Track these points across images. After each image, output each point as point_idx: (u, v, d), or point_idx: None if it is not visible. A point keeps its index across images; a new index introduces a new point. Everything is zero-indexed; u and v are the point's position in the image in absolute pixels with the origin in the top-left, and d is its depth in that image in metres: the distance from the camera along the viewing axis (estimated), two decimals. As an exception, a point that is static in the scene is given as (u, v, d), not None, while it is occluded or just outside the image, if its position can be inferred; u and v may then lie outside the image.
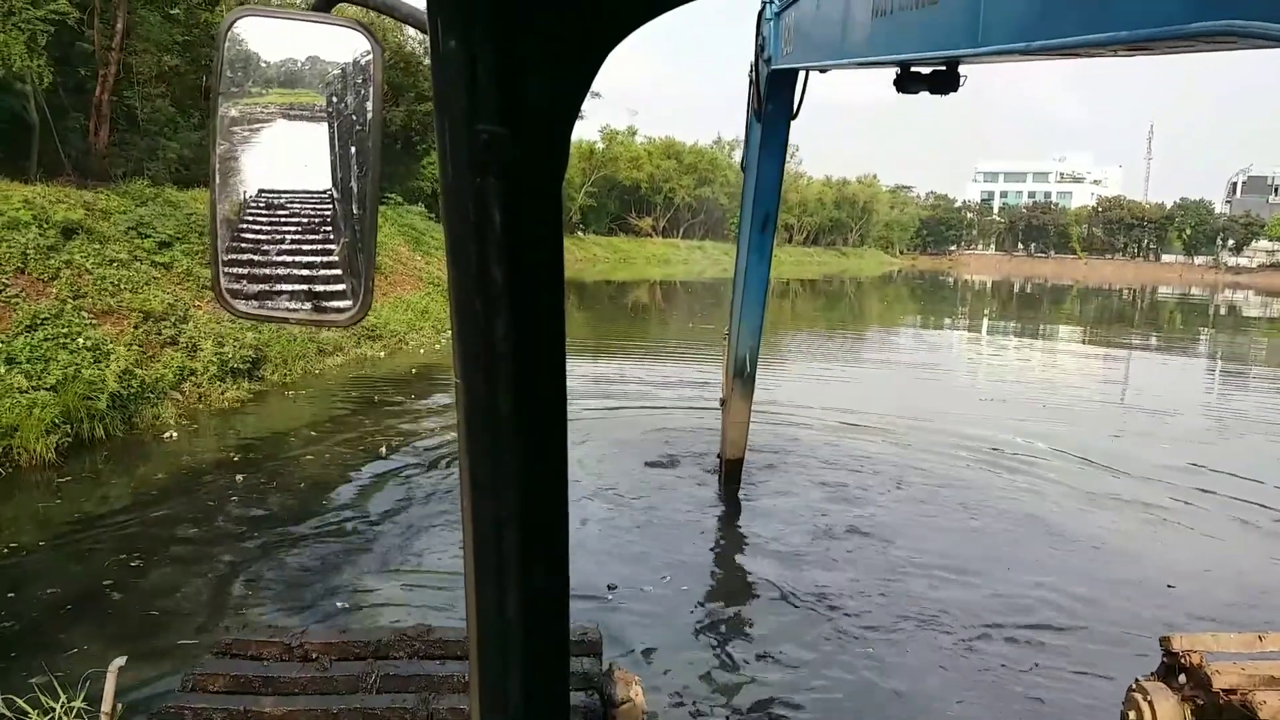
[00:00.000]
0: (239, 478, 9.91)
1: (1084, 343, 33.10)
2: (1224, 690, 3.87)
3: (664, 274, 62.15)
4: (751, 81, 8.32)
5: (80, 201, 15.35)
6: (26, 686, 4.75)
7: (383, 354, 18.32)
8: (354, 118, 1.07)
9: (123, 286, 13.53)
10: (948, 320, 41.38)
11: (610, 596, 7.24)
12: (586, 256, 63.35)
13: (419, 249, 28.45)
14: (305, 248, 1.16)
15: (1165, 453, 13.06)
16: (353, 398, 14.43)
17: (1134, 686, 4.21)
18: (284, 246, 1.16)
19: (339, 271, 1.11)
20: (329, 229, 1.13)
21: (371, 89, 1.01)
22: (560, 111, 0.57)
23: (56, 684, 4.55)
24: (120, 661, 3.41)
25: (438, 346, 19.72)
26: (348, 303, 1.07)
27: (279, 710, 3.05)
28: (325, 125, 1.12)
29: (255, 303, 1.14)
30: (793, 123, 8.44)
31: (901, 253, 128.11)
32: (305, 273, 1.16)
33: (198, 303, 15.08)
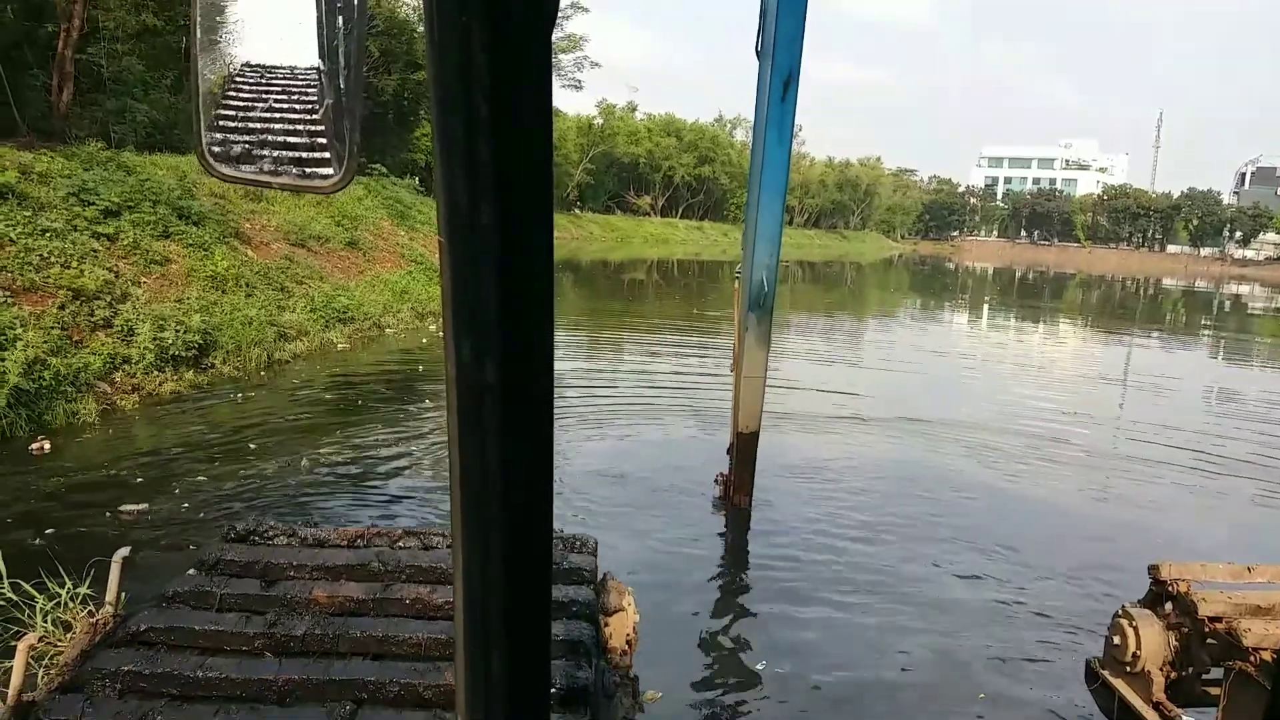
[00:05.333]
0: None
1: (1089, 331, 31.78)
2: (1209, 618, 3.87)
3: (662, 254, 60.64)
4: None
5: (15, 163, 13.74)
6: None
7: (345, 344, 16.36)
8: None
9: (53, 259, 11.91)
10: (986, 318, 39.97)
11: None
12: (583, 234, 61.94)
13: (403, 224, 26.81)
14: (289, 110, 1.16)
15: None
16: (315, 399, 12.80)
17: (1120, 612, 4.19)
18: (268, 109, 1.16)
19: (323, 136, 1.09)
20: (314, 91, 1.12)
21: None
22: None
23: (62, 570, 4.47)
24: (125, 551, 3.33)
25: (423, 339, 17.93)
26: (331, 170, 1.06)
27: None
28: None
29: (237, 166, 1.12)
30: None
31: (903, 237, 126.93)
32: (289, 137, 1.15)
33: (144, 278, 13.50)
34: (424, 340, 17.67)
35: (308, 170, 1.10)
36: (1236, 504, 10.35)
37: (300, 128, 1.14)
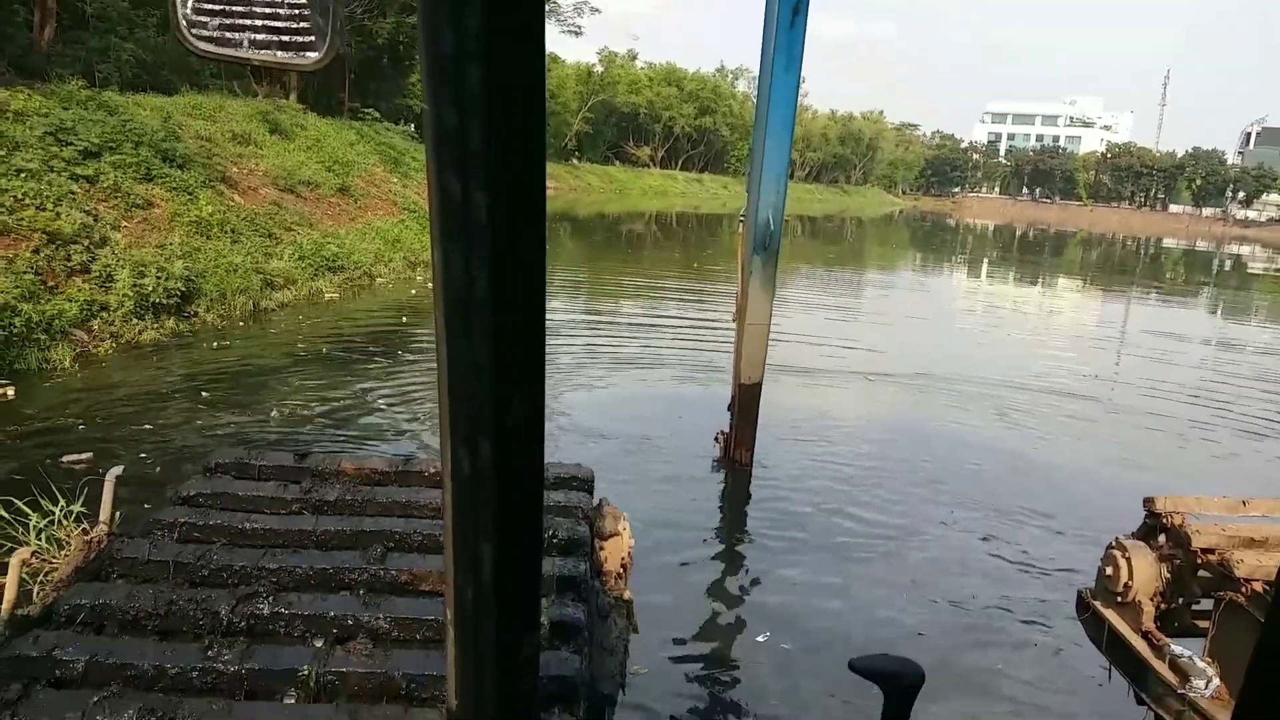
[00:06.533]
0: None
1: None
2: (1202, 550, 3.91)
3: (661, 206, 59.92)
4: None
5: (-11, 100, 13.19)
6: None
7: (334, 293, 15.89)
8: None
9: (27, 201, 11.43)
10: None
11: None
12: (581, 185, 61.08)
13: (397, 170, 26.18)
14: None
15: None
16: (297, 349, 12.32)
17: (1113, 544, 4.22)
18: None
19: (305, 9, 1.06)
20: None
21: None
22: None
23: (56, 491, 4.49)
24: (118, 470, 3.35)
25: (412, 291, 17.44)
26: (313, 47, 1.04)
27: (269, 528, 3.27)
28: None
29: (217, 41, 1.10)
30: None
31: (904, 193, 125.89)
32: (272, 11, 1.11)
33: (124, 222, 13.02)
34: (413, 291, 17.25)
35: (290, 48, 1.08)
36: (1250, 463, 10.15)
37: (283, 4, 1.11)
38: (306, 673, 2.58)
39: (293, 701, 2.55)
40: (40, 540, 4.23)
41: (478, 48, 0.50)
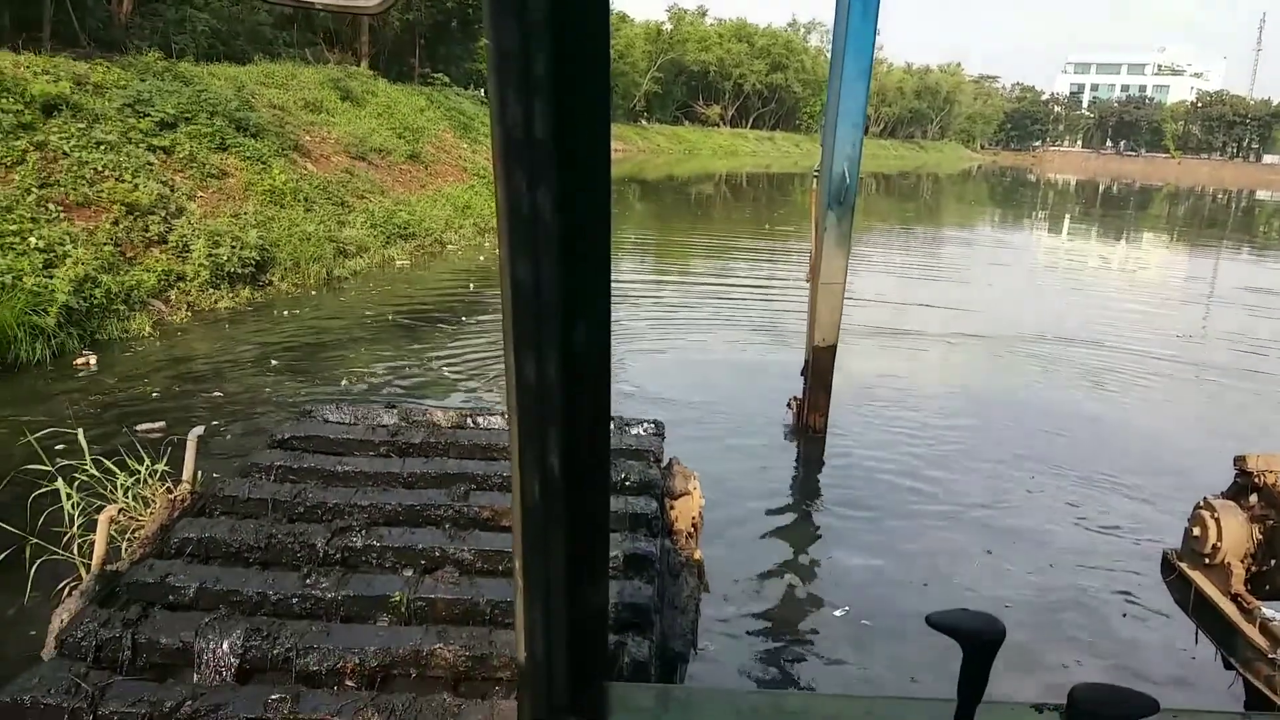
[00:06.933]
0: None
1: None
2: None
3: (731, 166, 59.07)
4: None
5: (70, 73, 13.43)
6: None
7: (406, 261, 15.94)
8: None
9: (106, 173, 11.64)
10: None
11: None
12: (650, 147, 60.49)
13: (466, 136, 26.21)
14: None
15: None
16: (368, 317, 12.39)
17: (1201, 504, 4.09)
18: None
19: None
20: None
21: None
22: None
23: (141, 450, 4.61)
24: (199, 430, 3.62)
25: (481, 257, 17.44)
26: None
27: (359, 469, 3.45)
28: None
29: None
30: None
31: (983, 147, 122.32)
32: None
33: (200, 192, 13.23)
34: (481, 258, 17.26)
35: None
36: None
37: None
38: (398, 599, 2.81)
39: (386, 624, 2.78)
40: (127, 499, 4.35)
41: (542, 39, 0.48)
